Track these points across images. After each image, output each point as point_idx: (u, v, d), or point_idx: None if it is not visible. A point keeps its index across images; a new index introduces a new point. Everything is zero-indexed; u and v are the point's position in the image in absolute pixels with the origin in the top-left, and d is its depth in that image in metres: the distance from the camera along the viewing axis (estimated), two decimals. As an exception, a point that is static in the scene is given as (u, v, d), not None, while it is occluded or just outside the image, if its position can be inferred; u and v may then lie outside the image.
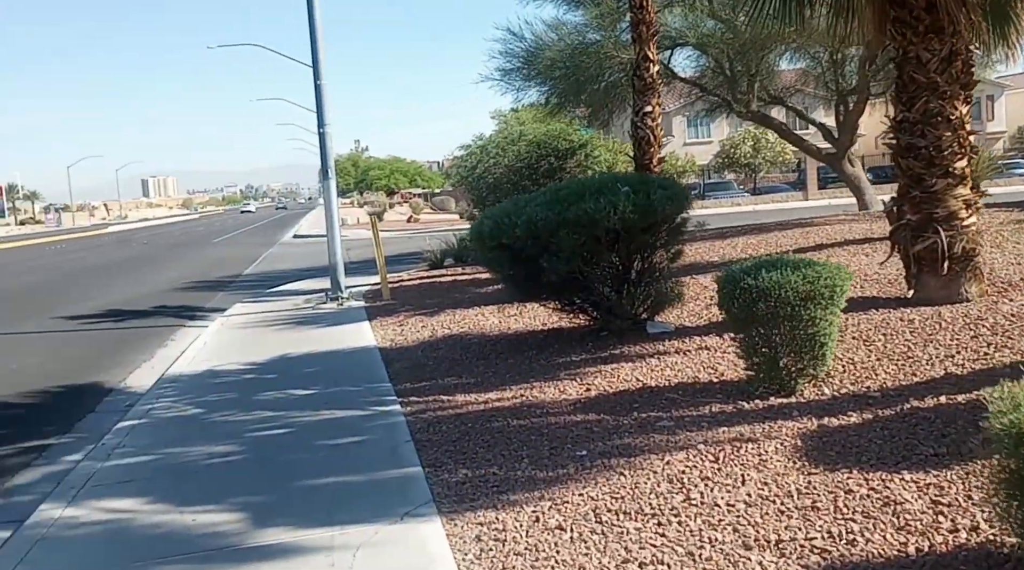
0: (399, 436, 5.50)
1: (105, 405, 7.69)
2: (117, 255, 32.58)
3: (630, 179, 7.46)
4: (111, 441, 6.01)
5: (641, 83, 13.45)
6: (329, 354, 8.70)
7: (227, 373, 8.12)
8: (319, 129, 12.09)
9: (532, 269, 7.35)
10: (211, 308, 14.18)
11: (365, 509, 4.26)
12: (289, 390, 7.14)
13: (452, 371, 7.31)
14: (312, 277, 17.51)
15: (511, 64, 18.76)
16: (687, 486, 4.06)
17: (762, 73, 18.47)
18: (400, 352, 8.43)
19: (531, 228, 7.08)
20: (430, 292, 12.80)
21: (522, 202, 7.50)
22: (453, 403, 6.20)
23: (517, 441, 5.07)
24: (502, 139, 12.59)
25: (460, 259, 16.42)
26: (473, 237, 7.66)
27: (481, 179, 12.55)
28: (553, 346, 7.69)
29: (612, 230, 7.02)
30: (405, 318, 10.45)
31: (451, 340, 8.70)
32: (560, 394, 6.07)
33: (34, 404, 7.97)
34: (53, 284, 20.56)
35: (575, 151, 12.32)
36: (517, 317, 9.36)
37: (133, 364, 9.54)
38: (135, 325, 12.67)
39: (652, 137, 13.58)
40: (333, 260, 12.44)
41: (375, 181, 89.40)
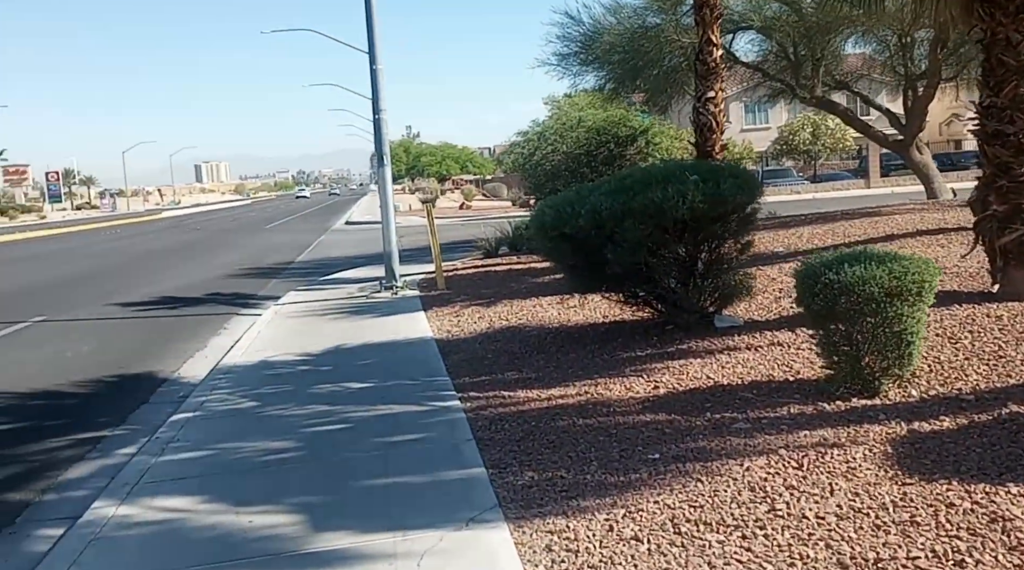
0: (460, 434, 5.33)
1: (158, 396, 7.68)
2: (170, 241, 33.13)
3: (698, 167, 7.16)
4: (165, 435, 5.96)
5: (704, 68, 13.08)
6: (384, 345, 8.59)
7: (281, 364, 8.05)
8: (374, 115, 11.96)
9: (595, 260, 7.12)
10: (264, 296, 14.23)
11: (427, 513, 4.10)
12: (345, 383, 7.02)
13: (512, 365, 7.12)
14: (365, 265, 17.48)
15: (568, 49, 18.48)
16: (771, 495, 3.81)
17: (827, 57, 17.88)
18: (457, 344, 8.27)
19: (595, 218, 6.84)
20: (485, 282, 12.64)
21: (585, 191, 7.27)
22: (514, 399, 6.01)
23: (584, 442, 4.86)
24: (560, 126, 12.33)
25: (515, 247, 16.23)
26: (534, 226, 7.45)
27: (539, 166, 12.31)
28: (616, 340, 7.45)
29: (680, 220, 6.75)
30: (461, 308, 10.29)
31: (509, 332, 8.51)
32: (626, 392, 5.84)
33: (88, 394, 8.00)
34: (107, 270, 20.92)
35: (635, 138, 12.01)
36: (577, 309, 9.14)
37: (186, 353, 9.55)
38: (188, 313, 12.75)
39: (714, 123, 13.23)
40: (388, 248, 12.34)
41: (426, 167, 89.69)
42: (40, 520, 4.92)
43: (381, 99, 12.02)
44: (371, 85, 12.03)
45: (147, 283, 17.25)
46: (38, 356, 9.79)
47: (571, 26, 17.24)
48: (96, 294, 15.53)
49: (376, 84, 11.97)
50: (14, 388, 8.19)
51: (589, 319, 8.66)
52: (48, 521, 4.86)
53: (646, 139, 12.13)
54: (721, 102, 13.05)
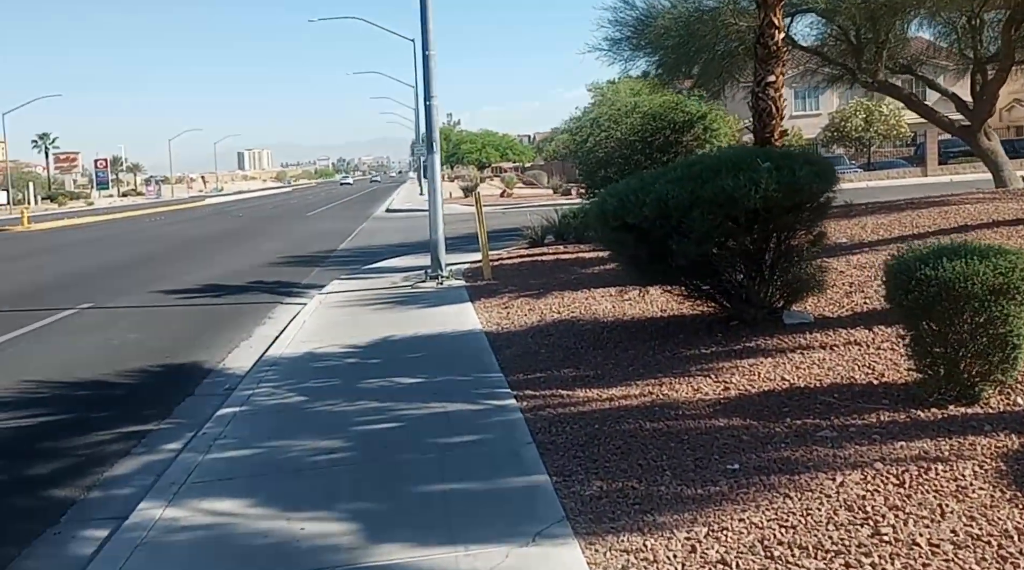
0: (519, 437, 5.06)
1: (204, 387, 7.53)
2: (213, 228, 33.36)
3: (771, 154, 6.78)
4: (212, 430, 5.77)
5: (764, 51, 12.60)
6: (433, 338, 8.35)
7: (328, 357, 7.86)
8: (426, 102, 11.68)
9: (658, 251, 6.78)
10: (307, 284, 14.11)
11: (490, 525, 3.83)
12: (394, 378, 6.79)
13: (568, 361, 6.83)
14: (408, 253, 17.30)
15: (620, 33, 18.02)
16: (872, 516, 3.46)
17: (891, 40, 17.20)
18: (508, 338, 8.00)
19: (660, 207, 6.50)
20: (533, 272, 12.35)
21: (649, 179, 6.92)
22: (574, 399, 5.72)
23: (654, 448, 4.55)
24: (614, 111, 11.96)
25: (562, 237, 15.90)
26: (595, 214, 7.13)
27: (591, 153, 11.95)
28: (678, 336, 7.11)
29: (752, 210, 6.38)
30: (510, 300, 10.02)
31: (562, 326, 8.22)
32: (694, 393, 5.51)
33: (134, 384, 7.88)
34: (152, 257, 21.04)
35: (693, 124, 11.59)
36: (632, 302, 8.80)
37: (231, 343, 9.42)
38: (232, 301, 12.66)
39: (774, 109, 12.74)
40: (434, 237, 12.10)
41: (467, 155, 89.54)
42: (85, 520, 4.76)
43: (433, 86, 11.75)
44: (423, 72, 11.76)
45: (191, 270, 17.26)
46: (85, 344, 9.73)
47: (624, 10, 16.80)
48: (141, 281, 15.56)
49: (428, 71, 11.69)
50: (62, 377, 8.11)
51: (646, 313, 8.33)
52: (93, 521, 4.70)
53: (704, 125, 11.71)
54: (781, 87, 12.57)
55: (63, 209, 72.11)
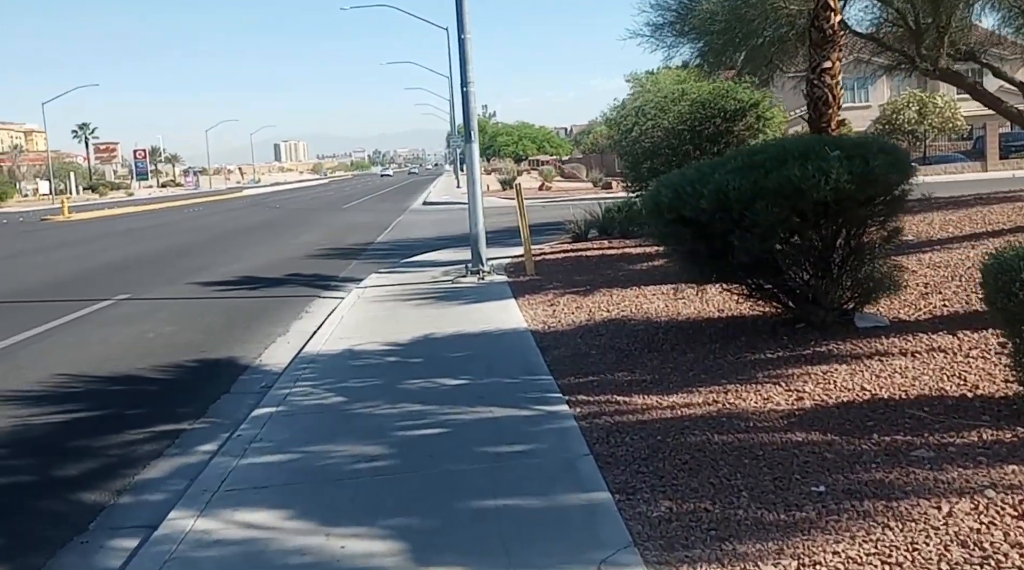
0: (574, 447, 4.71)
1: (240, 385, 7.28)
2: (251, 219, 33.43)
3: (841, 142, 6.34)
4: (247, 432, 5.50)
5: (819, 35, 12.10)
6: (477, 336, 8.02)
7: (368, 354, 7.57)
8: (463, 87, 11.36)
9: (718, 247, 6.38)
10: (345, 277, 13.88)
11: (549, 548, 3.49)
12: (437, 379, 6.47)
13: (621, 364, 6.46)
14: (446, 247, 17.02)
15: (663, 18, 17.48)
16: (993, 555, 3.05)
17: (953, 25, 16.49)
18: (556, 337, 7.64)
19: (720, 199, 6.10)
20: (577, 267, 11.98)
21: (707, 169, 6.52)
22: (631, 406, 5.35)
23: (726, 465, 4.17)
24: (661, 99, 11.51)
25: (605, 231, 15.51)
26: (648, 207, 6.74)
27: (636, 143, 11.53)
28: (739, 339, 6.70)
29: (821, 203, 5.95)
30: (555, 297, 9.66)
31: (612, 325, 7.84)
32: (764, 402, 5.11)
33: (169, 380, 7.67)
34: (190, 247, 21.02)
35: (745, 112, 11.10)
36: (687, 301, 8.40)
37: (268, 338, 9.18)
38: (269, 294, 12.46)
39: (831, 97, 12.24)
40: (475, 230, 11.77)
41: (503, 147, 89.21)
42: (114, 528, 4.50)
43: (470, 71, 11.40)
44: (459, 55, 11.43)
45: (228, 261, 17.16)
46: (121, 336, 9.57)
47: (667, -8, 16.29)
48: (178, 272, 15.47)
49: (464, 54, 11.35)
50: (97, 371, 7.93)
51: (701, 313, 7.92)
52: (123, 529, 4.45)
53: (756, 114, 11.21)
54: (838, 73, 12.05)
55: (104, 199, 73.22)
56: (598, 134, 71.04)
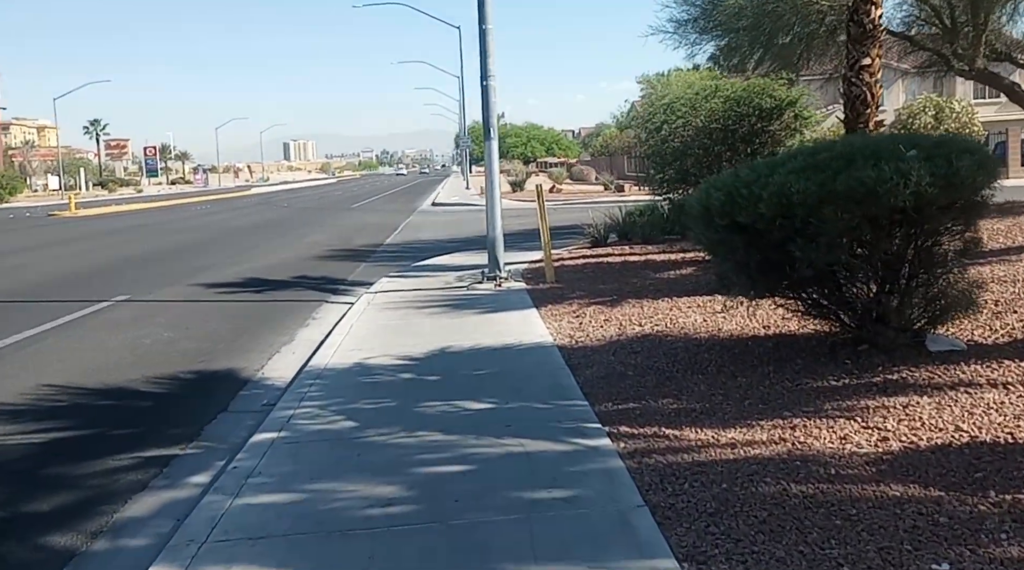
0: (625, 495, 3.98)
1: (240, 402, 6.58)
2: (258, 218, 32.76)
3: (917, 140, 5.60)
4: (244, 463, 4.79)
5: (859, 30, 11.39)
6: (498, 351, 7.29)
7: (380, 370, 6.85)
8: (483, 81, 10.62)
9: (775, 258, 5.66)
10: (354, 281, 13.18)
11: (612, 642, 2.77)
12: (458, 401, 5.75)
13: (664, 388, 5.73)
14: (458, 250, 16.31)
15: (687, 13, 16.77)
16: None
17: (991, 24, 15.73)
18: (586, 354, 6.91)
19: (782, 203, 5.37)
20: (600, 275, 11.25)
21: (763, 168, 5.79)
22: (684, 442, 4.62)
23: (815, 527, 3.44)
24: (693, 95, 10.77)
25: (625, 236, 14.78)
26: (696, 212, 6.00)
27: (666, 143, 10.79)
28: (794, 361, 5.97)
29: (897, 209, 5.22)
30: (580, 308, 8.93)
31: (648, 342, 7.11)
32: (841, 442, 4.38)
33: (162, 394, 6.96)
34: (195, 246, 20.33)
35: (782, 110, 10.36)
36: (727, 315, 7.67)
37: (272, 347, 8.48)
38: (274, 298, 11.76)
39: (869, 95, 11.53)
40: (492, 234, 11.04)
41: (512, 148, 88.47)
42: (82, 583, 3.80)
43: (490, 64, 10.66)
44: (479, 48, 10.68)
45: (234, 262, 16.47)
46: (115, 342, 8.87)
47: (693, -13, 15.59)
48: (182, 272, 14.77)
49: (485, 46, 10.61)
50: (86, 382, 7.23)
51: (745, 329, 7.19)
52: (92, 586, 3.75)
53: (794, 112, 10.47)
54: (878, 71, 11.34)
55: (113, 195, 72.65)
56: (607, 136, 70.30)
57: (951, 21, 15.47)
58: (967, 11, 15.39)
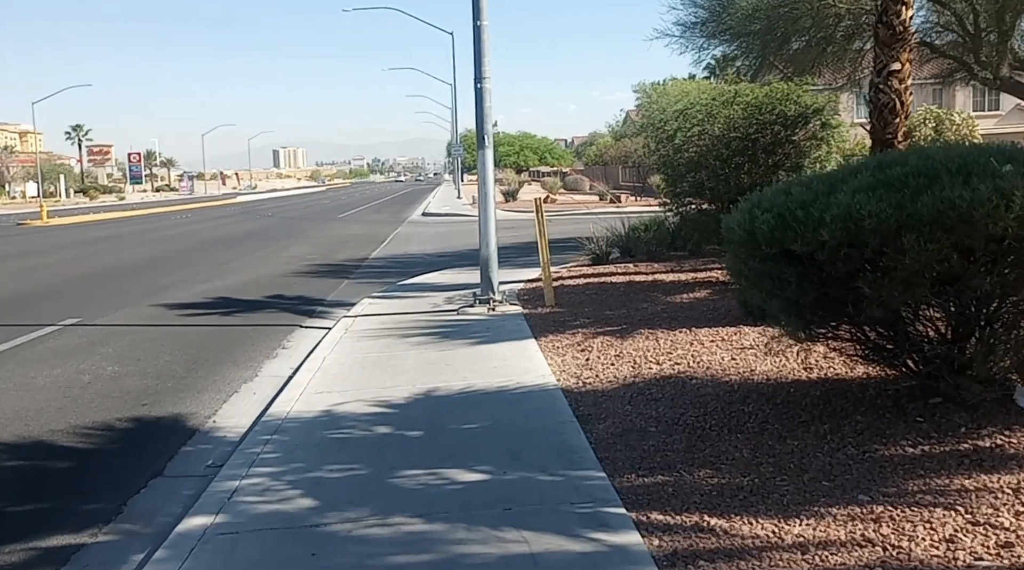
0: (671, 635, 2.92)
1: (179, 462, 5.49)
2: (239, 228, 31.60)
3: (1011, 153, 4.58)
4: (164, 566, 3.71)
5: (888, 33, 10.44)
6: (493, 396, 6.23)
7: (351, 421, 5.77)
8: (477, 84, 9.58)
9: (834, 294, 4.64)
10: (333, 301, 12.11)
11: None
12: (444, 469, 4.68)
13: (698, 453, 4.67)
14: (448, 266, 15.26)
15: (695, 16, 15.90)
16: None
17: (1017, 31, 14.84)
18: (597, 401, 5.86)
19: (848, 229, 4.35)
20: (604, 298, 10.20)
21: (820, 185, 4.77)
22: (738, 540, 3.56)
23: None
24: (710, 101, 9.78)
25: (628, 252, 13.76)
26: (735, 237, 4.96)
27: (679, 152, 9.79)
28: (852, 416, 4.93)
29: (996, 236, 4.20)
30: (585, 338, 7.87)
31: (669, 386, 6.06)
32: (946, 546, 3.33)
33: (88, 451, 5.85)
34: (166, 259, 19.18)
35: (807, 118, 9.39)
36: (756, 350, 6.64)
37: (230, 385, 7.40)
38: (243, 322, 10.66)
39: (898, 103, 10.59)
40: (485, 252, 9.97)
41: (504, 157, 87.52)
42: None
43: (485, 64, 9.62)
44: (474, 47, 9.65)
45: (205, 278, 15.35)
46: (50, 379, 7.76)
47: (702, -11, 14.69)
48: (145, 290, 13.65)
49: (480, 45, 9.57)
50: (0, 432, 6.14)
51: (782, 371, 6.15)
52: None
53: (821, 120, 9.50)
54: (908, 77, 10.40)
55: (94, 203, 71.29)
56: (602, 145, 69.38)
57: (974, 27, 14.57)
58: (992, 17, 14.50)
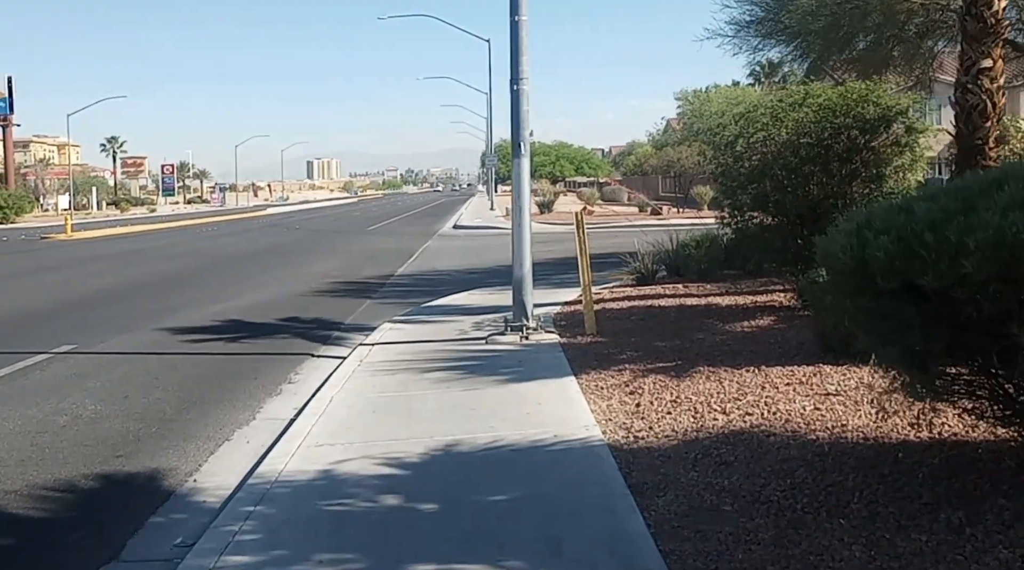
0: None
1: (143, 539, 4.56)
2: (265, 241, 31.02)
3: None
4: None
5: (977, 26, 9.45)
6: (526, 454, 5.25)
7: (353, 486, 4.83)
8: (513, 85, 8.60)
9: (974, 342, 3.60)
10: (352, 325, 11.24)
11: None
12: (464, 565, 3.71)
13: (792, 547, 3.64)
14: (479, 285, 14.34)
15: (750, 15, 14.88)
16: None
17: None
18: (653, 464, 4.84)
19: (1002, 257, 3.32)
20: (653, 325, 9.18)
21: (949, 200, 3.74)
22: None
23: None
24: (776, 103, 8.75)
25: (676, 271, 12.72)
26: (840, 265, 3.93)
27: (739, 161, 8.78)
28: (993, 498, 3.87)
29: None
30: (634, 376, 6.87)
31: (742, 445, 5.03)
32: None
33: (35, 522, 4.94)
34: (181, 278, 18.48)
35: (889, 122, 8.33)
36: (844, 397, 5.59)
37: (223, 430, 6.52)
38: (250, 349, 9.81)
39: (989, 105, 9.58)
40: (519, 272, 8.99)
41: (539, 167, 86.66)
42: None
43: (523, 63, 8.65)
44: (511, 44, 8.69)
45: (219, 297, 14.60)
46: (21, 421, 6.91)
47: (758, -15, 13.68)
48: (152, 312, 12.89)
49: (518, 42, 8.60)
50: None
51: (882, 427, 5.10)
52: None
53: (906, 123, 8.43)
54: (1000, 75, 9.34)
55: (124, 215, 71.66)
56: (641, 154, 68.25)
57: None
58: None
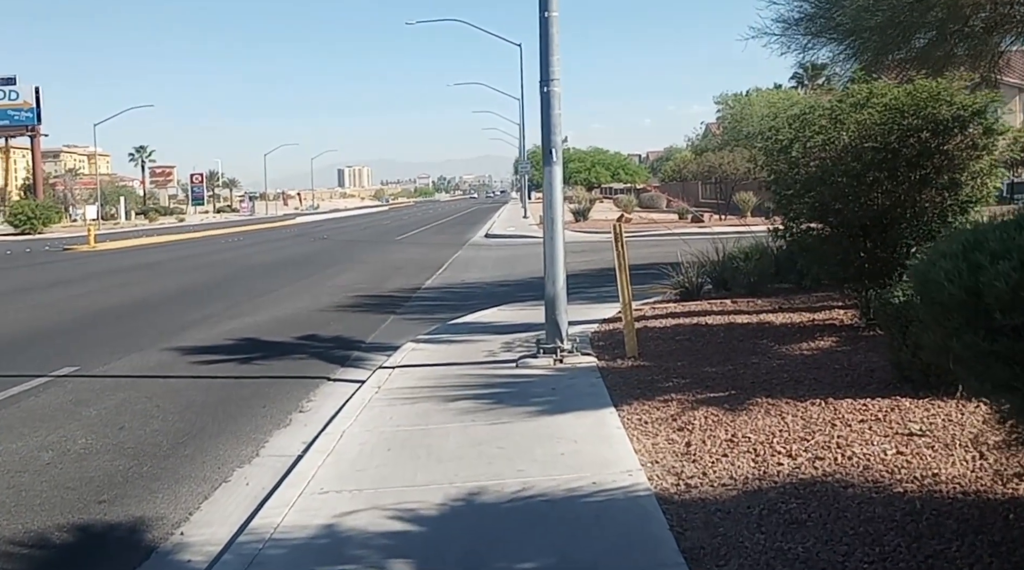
0: None
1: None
2: (289, 252, 30.72)
3: None
4: None
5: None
6: (559, 507, 4.61)
7: (357, 547, 4.23)
8: (543, 87, 7.98)
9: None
10: (373, 344, 10.70)
11: None
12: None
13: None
14: (510, 299, 13.73)
15: (799, 12, 14.12)
16: None
17: None
18: (709, 519, 4.19)
19: None
20: (700, 345, 8.50)
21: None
22: None
23: None
24: (837, 104, 8.04)
25: (724, 284, 12.02)
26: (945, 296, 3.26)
27: (795, 167, 8.08)
28: None
29: None
30: (681, 408, 6.20)
31: (813, 497, 4.35)
32: None
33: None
34: (198, 291, 18.10)
35: (964, 123, 7.59)
36: (932, 439, 4.89)
37: (221, 470, 5.98)
38: (262, 372, 9.29)
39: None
40: (552, 289, 8.36)
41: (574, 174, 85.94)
42: None
43: (553, 63, 8.04)
44: (540, 43, 8.09)
45: (235, 313, 14.16)
46: (3, 456, 6.41)
47: (808, -19, 12.95)
48: (163, 329, 12.46)
49: (548, 40, 7.99)
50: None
51: (980, 476, 4.40)
52: None
53: (983, 125, 7.69)
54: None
55: (152, 225, 72.24)
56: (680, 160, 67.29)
57: None
58: None
